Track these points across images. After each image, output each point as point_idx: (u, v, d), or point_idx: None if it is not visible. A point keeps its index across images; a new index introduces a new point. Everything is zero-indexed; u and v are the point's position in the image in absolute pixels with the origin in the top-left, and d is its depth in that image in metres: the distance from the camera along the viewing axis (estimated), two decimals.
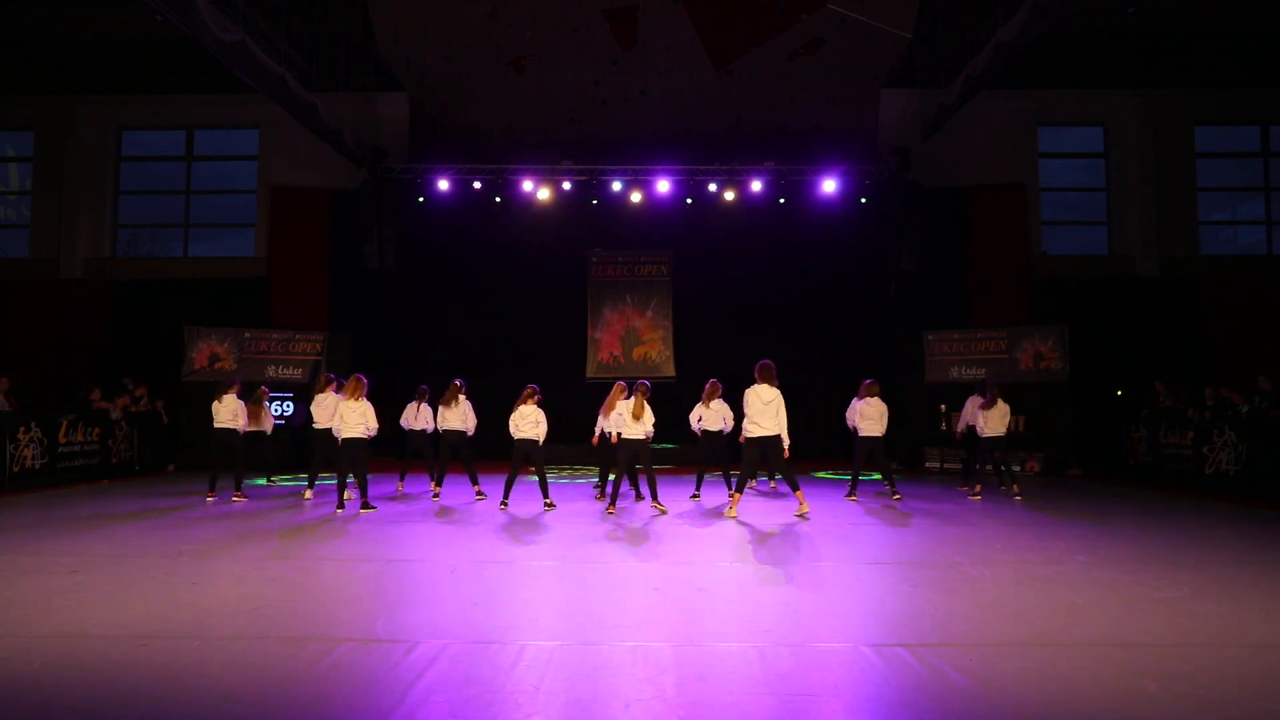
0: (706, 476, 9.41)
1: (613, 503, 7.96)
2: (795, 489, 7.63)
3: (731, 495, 7.82)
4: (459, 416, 8.98)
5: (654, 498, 8.01)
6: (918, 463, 12.73)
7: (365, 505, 7.93)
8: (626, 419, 7.90)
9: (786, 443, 7.49)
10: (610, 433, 8.52)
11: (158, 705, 2.99)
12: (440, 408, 9.02)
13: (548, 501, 8.25)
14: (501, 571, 5.31)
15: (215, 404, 8.90)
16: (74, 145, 14.78)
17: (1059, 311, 13.10)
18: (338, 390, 8.87)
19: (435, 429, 9.53)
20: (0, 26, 13.34)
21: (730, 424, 8.95)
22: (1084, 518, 7.71)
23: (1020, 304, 13.69)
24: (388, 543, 6.33)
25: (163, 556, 5.65)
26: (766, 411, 7.41)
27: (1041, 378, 12.25)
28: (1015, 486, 9.29)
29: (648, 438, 7.97)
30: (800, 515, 7.50)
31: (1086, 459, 12.10)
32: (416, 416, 9.55)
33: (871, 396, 8.91)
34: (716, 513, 7.92)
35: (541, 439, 8.28)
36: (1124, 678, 3.25)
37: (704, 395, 8.88)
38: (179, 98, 14.76)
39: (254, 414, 9.38)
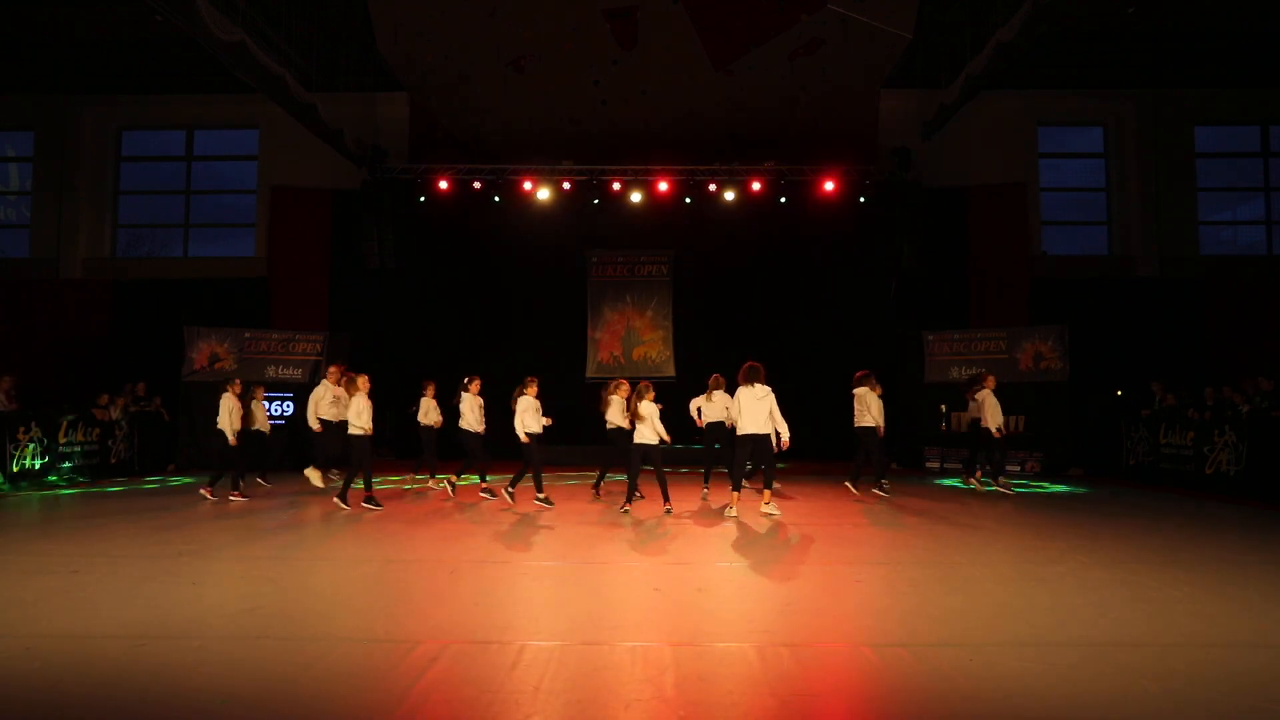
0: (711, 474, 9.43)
1: (629, 500, 7.99)
2: (767, 486, 7.73)
3: (732, 494, 7.82)
4: (473, 415, 9.01)
5: (665, 499, 8.00)
6: (918, 463, 12.73)
7: (370, 501, 7.99)
8: (634, 420, 7.97)
9: (786, 435, 7.50)
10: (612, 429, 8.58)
11: (158, 705, 2.99)
12: (459, 406, 9.06)
13: (540, 496, 8.30)
14: (501, 571, 5.31)
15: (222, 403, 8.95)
16: (74, 145, 14.79)
17: (1059, 311, 13.10)
18: (337, 382, 9.02)
19: (437, 426, 9.63)
20: (0, 26, 13.33)
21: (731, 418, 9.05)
22: (1083, 517, 7.71)
23: (1020, 304, 13.70)
24: (388, 542, 6.33)
25: (163, 557, 5.64)
26: (759, 409, 7.44)
27: (1041, 377, 12.25)
28: (1002, 480, 9.43)
29: (660, 441, 7.98)
30: (766, 513, 7.58)
31: (1086, 459, 12.11)
32: (426, 413, 9.63)
33: (857, 389, 9.05)
34: (717, 512, 7.91)
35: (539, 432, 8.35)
36: (1124, 678, 3.25)
37: (708, 388, 8.92)
38: (179, 98, 14.77)
39: (251, 414, 9.42)
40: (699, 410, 9.11)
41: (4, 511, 7.77)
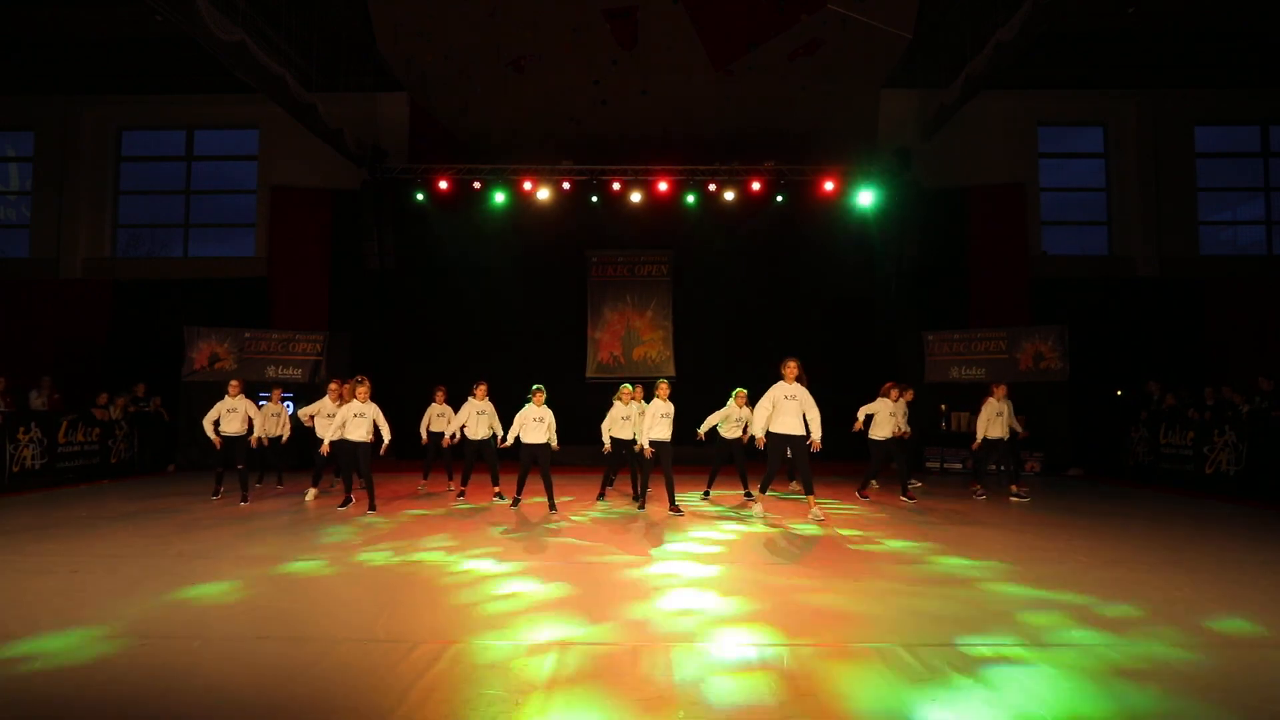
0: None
1: (643, 501, 8.18)
2: (750, 491, 7.65)
3: (757, 496, 7.81)
4: (477, 420, 9.02)
5: (638, 497, 8.23)
6: (918, 463, 12.72)
7: (370, 506, 8.00)
8: (649, 420, 8.05)
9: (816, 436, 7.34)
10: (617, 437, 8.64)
11: (157, 705, 2.99)
12: (463, 409, 9.05)
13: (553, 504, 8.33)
14: (502, 571, 5.30)
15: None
16: (74, 145, 14.80)
17: (1059, 311, 13.11)
18: (338, 398, 9.02)
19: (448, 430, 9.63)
20: (0, 26, 13.34)
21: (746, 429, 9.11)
22: (1084, 518, 7.71)
23: (1020, 304, 13.70)
24: (388, 542, 6.32)
25: (163, 556, 5.65)
26: (789, 408, 7.38)
27: (1041, 378, 12.25)
28: (976, 486, 9.50)
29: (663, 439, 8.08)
30: (755, 513, 7.57)
31: (1086, 459, 12.11)
32: (437, 418, 9.64)
33: (878, 398, 9.06)
34: (717, 513, 7.92)
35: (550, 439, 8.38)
36: (1123, 677, 3.25)
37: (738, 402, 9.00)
38: (179, 98, 14.77)
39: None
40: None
41: (4, 511, 7.76)
